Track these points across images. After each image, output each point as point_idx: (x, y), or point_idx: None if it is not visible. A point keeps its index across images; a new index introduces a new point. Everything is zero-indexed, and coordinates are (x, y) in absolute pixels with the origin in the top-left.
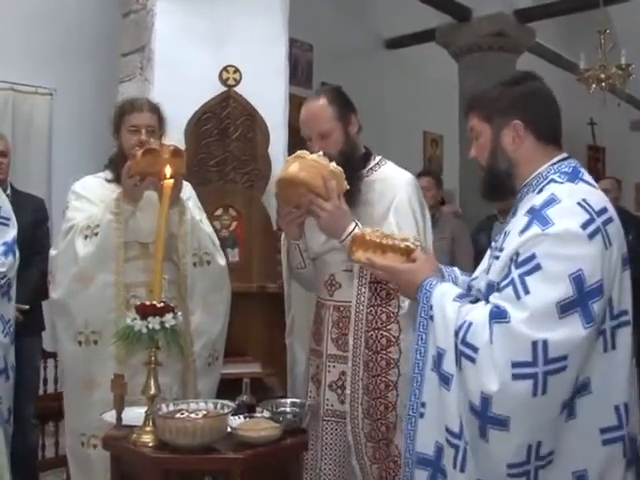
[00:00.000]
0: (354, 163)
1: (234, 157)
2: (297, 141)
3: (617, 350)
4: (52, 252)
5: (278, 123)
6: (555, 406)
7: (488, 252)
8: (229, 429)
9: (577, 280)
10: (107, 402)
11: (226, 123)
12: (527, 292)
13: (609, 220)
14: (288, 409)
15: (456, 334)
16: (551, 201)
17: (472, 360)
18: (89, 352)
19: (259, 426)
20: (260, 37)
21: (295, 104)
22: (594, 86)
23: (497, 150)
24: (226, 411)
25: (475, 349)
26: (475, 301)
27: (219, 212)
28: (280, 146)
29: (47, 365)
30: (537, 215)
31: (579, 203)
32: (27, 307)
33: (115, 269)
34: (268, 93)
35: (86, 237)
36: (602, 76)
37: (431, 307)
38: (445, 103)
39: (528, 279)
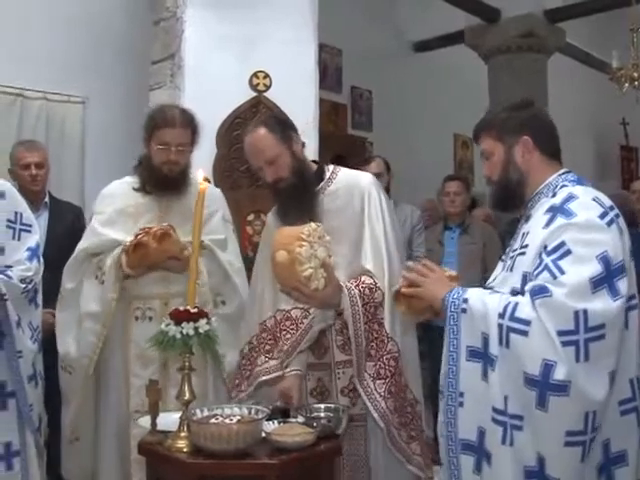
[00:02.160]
0: (308, 178)
1: None
2: (328, 145)
3: (629, 329)
4: (67, 272)
5: (308, 128)
6: (602, 376)
7: (499, 262)
8: (263, 434)
9: (604, 260)
10: (75, 416)
11: None
12: (562, 272)
13: (618, 215)
14: (322, 414)
15: (501, 315)
16: (570, 198)
17: (524, 333)
18: (66, 376)
19: (293, 431)
20: (290, 42)
21: (325, 108)
22: (627, 85)
23: (510, 164)
24: (260, 416)
25: (527, 322)
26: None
27: (251, 217)
28: (310, 150)
29: None
30: (560, 209)
31: (594, 199)
32: None
33: (103, 321)
34: (298, 98)
35: (96, 277)
36: (635, 75)
37: (464, 300)
38: (475, 105)
39: (561, 262)
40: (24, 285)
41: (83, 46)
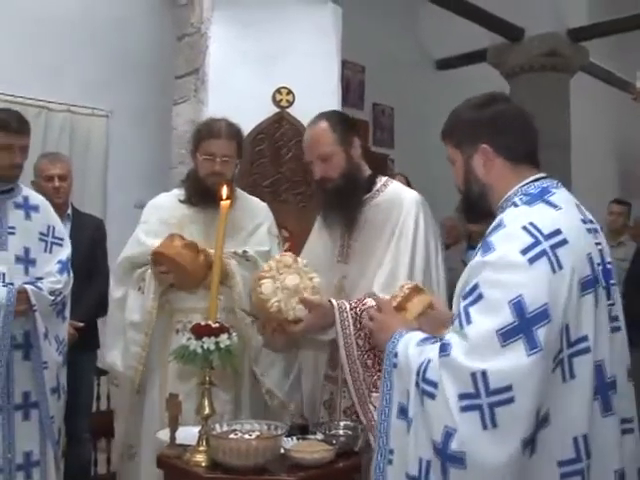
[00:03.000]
0: (357, 185)
1: (287, 178)
2: None
3: (576, 379)
4: (113, 281)
5: None
6: (512, 443)
7: None
8: (282, 450)
9: (517, 306)
10: (125, 432)
11: (279, 144)
12: (469, 322)
13: (561, 243)
14: (341, 431)
15: (417, 373)
16: (497, 227)
17: (432, 396)
18: (113, 389)
19: (312, 448)
20: (313, 59)
21: None
22: None
23: (470, 175)
24: (279, 432)
25: (435, 384)
26: None
27: None
28: None
29: (100, 382)
30: (484, 242)
31: (524, 227)
32: (81, 324)
33: (145, 330)
34: None
35: (139, 288)
36: None
37: (395, 354)
38: None
39: (471, 309)
40: (53, 297)
41: (108, 60)
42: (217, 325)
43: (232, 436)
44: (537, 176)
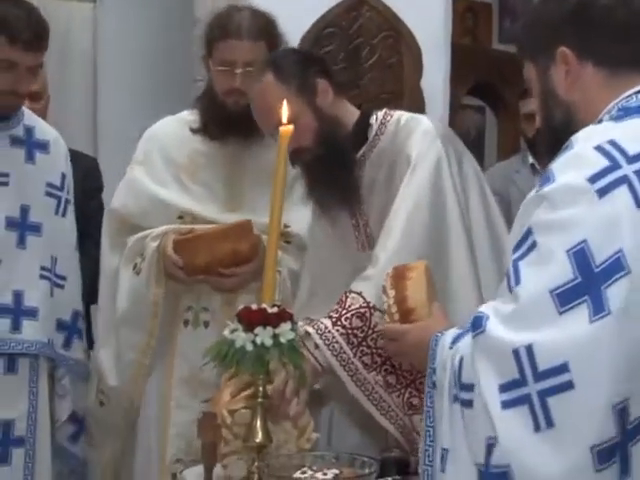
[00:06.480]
0: (342, 145)
1: (370, 93)
2: (464, 66)
3: None
4: (104, 245)
5: (436, 41)
6: (575, 450)
7: None
8: None
9: (579, 255)
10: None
11: (357, 43)
12: (518, 282)
13: None
14: None
15: (453, 383)
16: (564, 149)
17: (470, 404)
18: (97, 407)
19: None
20: None
21: (459, 10)
22: None
23: (548, 95)
24: (367, 471)
25: (471, 387)
26: None
27: None
28: (439, 76)
29: None
30: (545, 172)
31: (598, 146)
32: None
33: (150, 329)
34: None
35: (134, 267)
36: None
37: (434, 370)
38: None
39: (521, 264)
40: None
41: None
42: (275, 310)
43: (298, 475)
44: None
